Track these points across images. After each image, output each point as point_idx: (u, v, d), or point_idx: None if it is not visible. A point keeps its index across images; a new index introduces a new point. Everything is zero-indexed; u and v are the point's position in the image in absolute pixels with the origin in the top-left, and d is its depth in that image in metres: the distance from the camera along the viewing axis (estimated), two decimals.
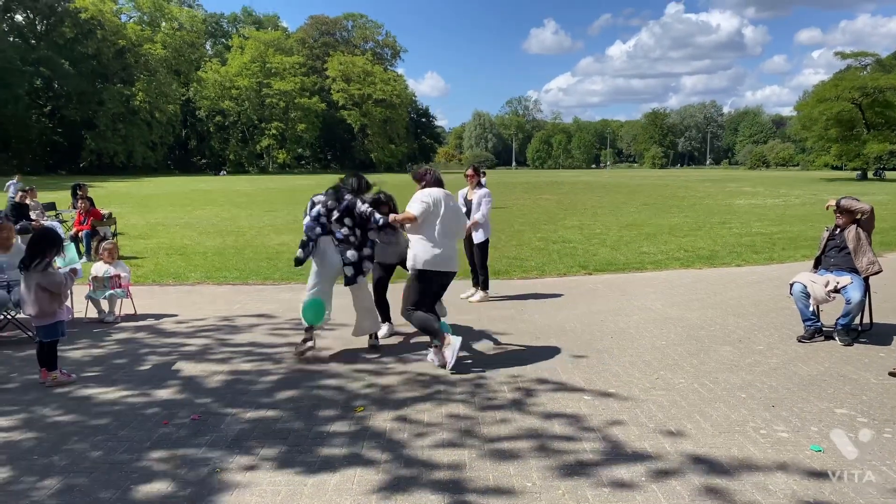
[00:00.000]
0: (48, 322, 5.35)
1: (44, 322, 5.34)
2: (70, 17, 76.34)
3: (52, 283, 5.30)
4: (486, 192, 8.54)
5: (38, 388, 5.28)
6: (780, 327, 6.97)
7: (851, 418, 4.49)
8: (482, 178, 9.15)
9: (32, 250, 5.35)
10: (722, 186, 41.99)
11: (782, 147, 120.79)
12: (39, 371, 5.39)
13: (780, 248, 13.16)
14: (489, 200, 8.47)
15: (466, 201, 8.52)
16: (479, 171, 8.74)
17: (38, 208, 15.71)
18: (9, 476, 3.75)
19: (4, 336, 6.85)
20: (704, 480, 3.64)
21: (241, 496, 3.52)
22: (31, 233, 8.39)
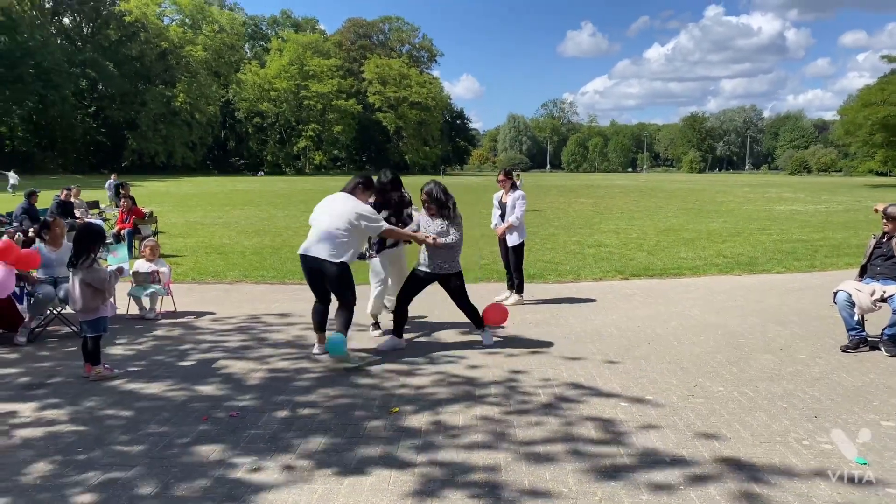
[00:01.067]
0: (92, 317, 5.47)
1: (88, 317, 5.47)
2: (115, 19, 78.23)
3: (96, 280, 5.42)
4: (521, 194, 8.52)
5: (82, 381, 5.41)
6: (822, 336, 6.81)
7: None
8: (518, 181, 9.17)
9: (77, 247, 5.49)
10: (762, 192, 41.24)
11: (824, 152, 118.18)
12: (84, 365, 5.52)
13: (823, 256, 12.86)
14: (524, 203, 8.45)
15: (501, 204, 8.52)
16: (510, 174, 8.72)
17: (81, 206, 16.13)
18: (53, 468, 3.85)
19: (50, 331, 7.03)
20: (743, 488, 3.57)
21: (278, 494, 3.56)
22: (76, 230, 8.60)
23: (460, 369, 5.75)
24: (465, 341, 6.65)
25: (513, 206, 8.37)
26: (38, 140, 73.99)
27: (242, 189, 41.97)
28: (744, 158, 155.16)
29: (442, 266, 6.24)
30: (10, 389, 5.22)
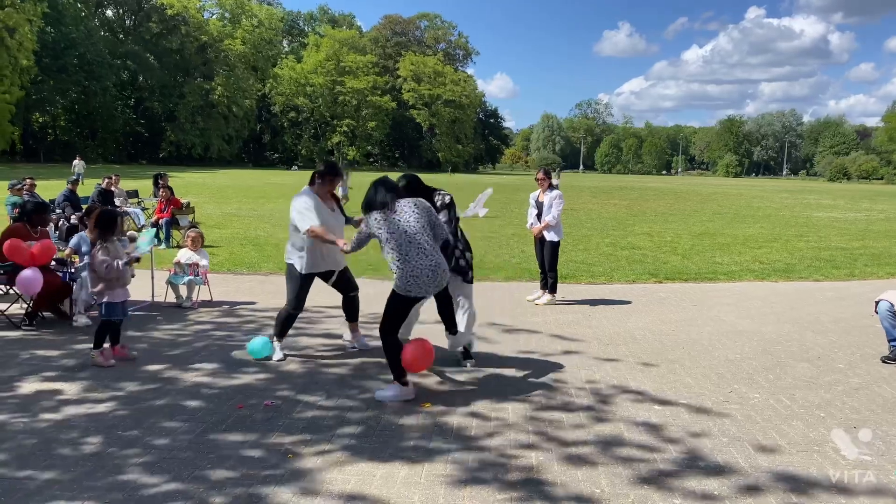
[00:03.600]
0: (100, 301, 5.64)
1: (99, 300, 5.66)
2: (157, 12, 79.60)
3: (95, 264, 5.57)
4: (558, 193, 8.53)
5: (121, 365, 5.54)
6: (861, 346, 6.68)
7: None
8: (557, 180, 9.14)
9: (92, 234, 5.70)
10: (800, 198, 40.48)
11: (866, 159, 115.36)
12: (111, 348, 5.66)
13: (862, 265, 12.59)
14: (560, 202, 8.44)
15: (538, 203, 8.51)
16: (549, 173, 8.72)
17: (121, 195, 16.45)
18: (93, 450, 3.95)
19: (94, 315, 7.20)
20: (781, 497, 3.53)
21: (312, 483, 3.60)
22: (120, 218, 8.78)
23: (492, 367, 5.75)
24: (498, 340, 6.65)
25: (549, 205, 8.37)
26: (80, 130, 75.62)
27: (277, 182, 42.41)
28: (781, 164, 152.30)
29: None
30: (54, 370, 5.37)
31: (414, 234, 4.80)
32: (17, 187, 13.24)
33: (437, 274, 4.81)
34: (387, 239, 4.80)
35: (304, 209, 5.44)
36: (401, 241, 4.77)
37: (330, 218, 5.60)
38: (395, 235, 4.78)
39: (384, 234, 4.81)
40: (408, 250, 4.76)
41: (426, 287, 4.81)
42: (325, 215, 5.54)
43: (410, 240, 4.78)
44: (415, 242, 4.78)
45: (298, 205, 5.47)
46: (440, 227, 5.05)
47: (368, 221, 4.92)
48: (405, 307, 4.96)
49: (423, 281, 4.77)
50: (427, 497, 3.48)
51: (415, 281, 4.76)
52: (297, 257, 5.63)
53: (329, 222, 5.53)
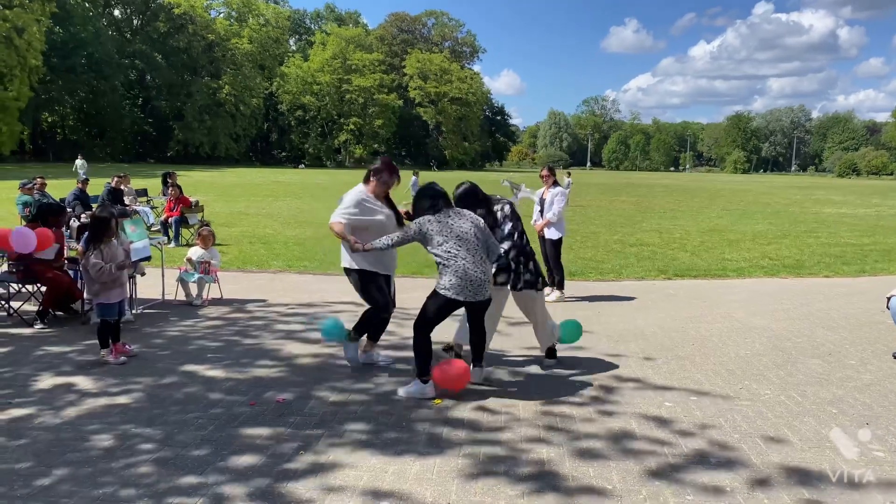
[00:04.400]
0: (96, 301, 5.69)
1: (95, 301, 5.72)
2: (164, 11, 79.76)
3: (87, 267, 5.60)
4: (561, 190, 8.55)
5: (133, 363, 5.57)
6: (873, 342, 6.65)
7: None
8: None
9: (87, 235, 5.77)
10: (808, 194, 40.29)
11: (875, 154, 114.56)
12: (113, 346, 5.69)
13: (873, 261, 12.53)
14: (562, 198, 8.44)
15: (541, 200, 8.53)
16: (553, 170, 8.72)
17: (131, 194, 16.55)
18: (108, 445, 3.98)
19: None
20: (792, 493, 3.53)
21: (324, 479, 3.62)
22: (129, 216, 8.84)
23: (501, 364, 5.76)
24: (507, 335, 6.66)
25: (551, 202, 8.39)
26: (88, 129, 75.92)
27: (284, 181, 42.51)
28: (790, 159, 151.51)
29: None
30: (67, 367, 5.41)
31: (467, 240, 4.82)
32: (28, 186, 13.34)
33: (482, 284, 4.82)
34: (439, 242, 4.79)
35: (345, 205, 5.25)
36: (452, 243, 4.78)
37: (381, 218, 5.31)
38: (448, 238, 4.80)
39: (436, 235, 4.81)
40: (457, 253, 4.76)
41: (469, 293, 4.77)
42: (375, 215, 5.27)
43: (461, 244, 4.79)
44: (466, 248, 4.79)
45: (346, 198, 5.32)
46: (494, 247, 5.09)
47: (420, 222, 4.88)
48: (445, 309, 4.89)
49: (467, 285, 4.75)
50: (439, 492, 3.50)
51: (460, 284, 4.74)
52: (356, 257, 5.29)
53: (379, 223, 5.26)
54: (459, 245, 4.79)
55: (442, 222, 4.85)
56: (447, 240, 4.80)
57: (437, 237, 4.82)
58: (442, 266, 4.80)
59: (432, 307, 4.89)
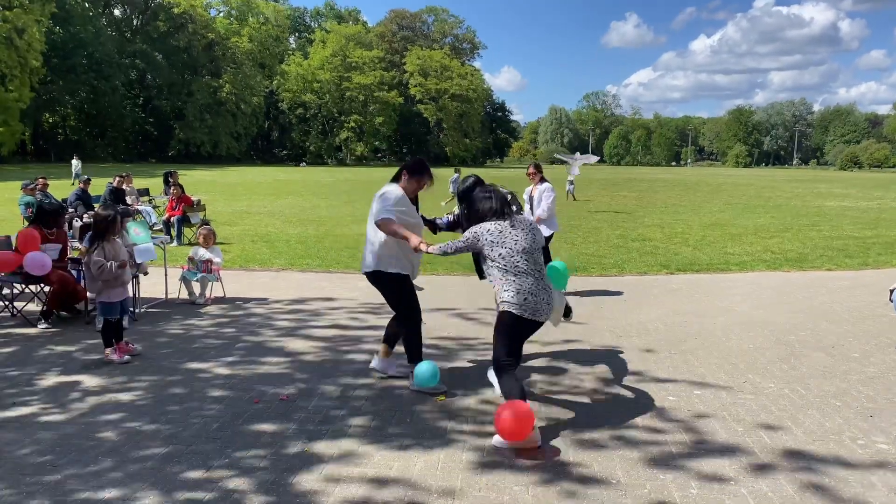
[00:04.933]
0: (98, 300, 5.72)
1: (97, 300, 5.75)
2: (164, 11, 79.78)
3: (89, 264, 5.62)
4: (549, 186, 8.36)
5: (138, 362, 5.59)
6: (877, 335, 6.65)
7: None
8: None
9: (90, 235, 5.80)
10: (811, 187, 40.22)
11: (877, 147, 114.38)
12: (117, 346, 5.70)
13: (876, 253, 12.52)
14: (551, 195, 8.27)
15: (530, 198, 8.41)
16: (540, 167, 8.56)
17: (133, 194, 16.56)
18: (114, 444, 4.00)
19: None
20: (796, 483, 3.53)
21: (330, 473, 3.64)
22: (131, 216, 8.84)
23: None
24: None
25: (539, 198, 8.25)
26: (89, 129, 76.01)
27: (286, 179, 42.54)
28: (792, 153, 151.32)
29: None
30: (72, 367, 5.43)
31: (531, 251, 4.31)
32: (31, 187, 13.36)
33: (551, 298, 4.36)
34: (501, 254, 4.23)
35: (390, 202, 4.79)
36: (519, 257, 4.23)
37: (418, 220, 5.03)
38: (513, 250, 4.24)
39: (498, 246, 4.25)
40: (526, 268, 4.23)
41: (545, 310, 4.27)
42: (413, 216, 4.95)
43: (528, 258, 4.27)
44: (531, 260, 4.29)
45: (383, 196, 4.86)
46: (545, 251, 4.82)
47: (479, 231, 4.31)
48: (524, 332, 4.31)
49: (541, 301, 4.24)
50: (445, 486, 3.51)
51: (534, 301, 4.19)
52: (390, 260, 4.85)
53: (416, 225, 4.96)
54: (527, 260, 4.25)
55: (504, 231, 4.29)
56: (511, 253, 4.24)
57: (499, 248, 4.25)
58: (511, 284, 4.20)
59: (507, 334, 4.27)
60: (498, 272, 4.26)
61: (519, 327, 4.26)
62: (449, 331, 6.69)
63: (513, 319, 4.21)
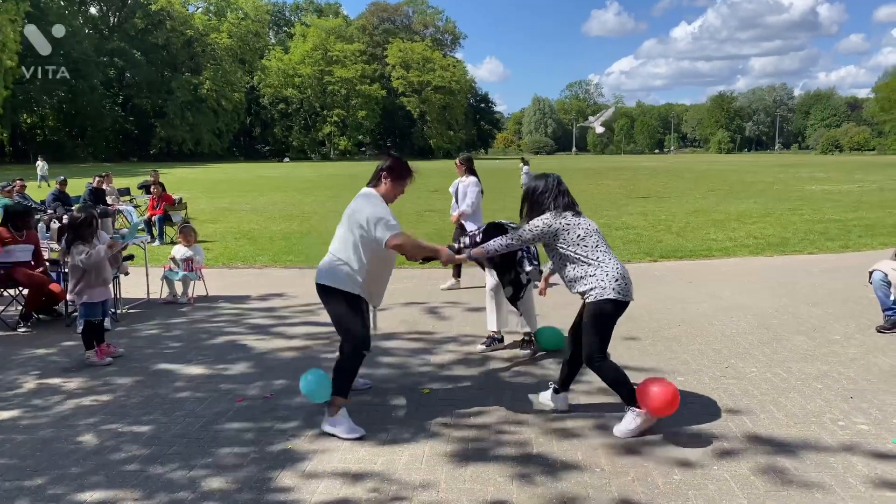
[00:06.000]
0: (79, 302, 5.62)
1: (78, 301, 5.64)
2: (141, 8, 78.98)
3: (74, 258, 5.55)
4: (473, 180, 8.09)
5: (119, 363, 5.54)
6: (857, 317, 6.71)
7: None
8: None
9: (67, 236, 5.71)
10: (792, 172, 40.53)
11: (857, 131, 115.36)
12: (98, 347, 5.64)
13: (856, 236, 12.63)
14: (475, 189, 8.02)
15: (455, 191, 8.23)
16: (469, 161, 8.26)
17: (113, 193, 16.38)
18: (95, 446, 3.96)
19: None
20: (778, 468, 3.56)
21: (314, 471, 3.62)
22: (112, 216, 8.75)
23: (482, 348, 5.77)
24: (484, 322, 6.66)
25: (464, 193, 8.00)
26: (69, 129, 75.21)
27: (269, 175, 42.30)
28: (773, 138, 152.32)
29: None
30: (52, 370, 5.36)
31: (602, 235, 4.16)
32: (7, 189, 13.17)
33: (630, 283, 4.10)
34: (580, 235, 4.04)
35: (385, 214, 4.11)
36: (598, 237, 4.08)
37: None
38: (590, 231, 4.08)
39: (575, 228, 4.05)
40: (606, 249, 4.07)
41: (625, 292, 4.01)
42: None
43: (602, 239, 4.11)
44: (606, 242, 4.14)
45: (373, 209, 4.12)
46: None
47: (549, 218, 4.09)
48: (616, 316, 4.05)
49: (629, 279, 4.06)
50: (429, 480, 3.50)
51: (625, 281, 3.99)
52: (349, 280, 4.19)
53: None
54: (603, 240, 4.10)
55: (580, 220, 4.11)
56: (590, 233, 4.06)
57: (577, 230, 4.04)
58: (597, 270, 3.99)
59: (603, 324, 4.04)
60: (577, 261, 4.04)
61: (618, 314, 4.04)
62: (427, 325, 6.68)
63: (614, 307, 3.98)
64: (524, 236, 4.18)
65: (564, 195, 4.21)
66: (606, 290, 3.94)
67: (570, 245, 4.05)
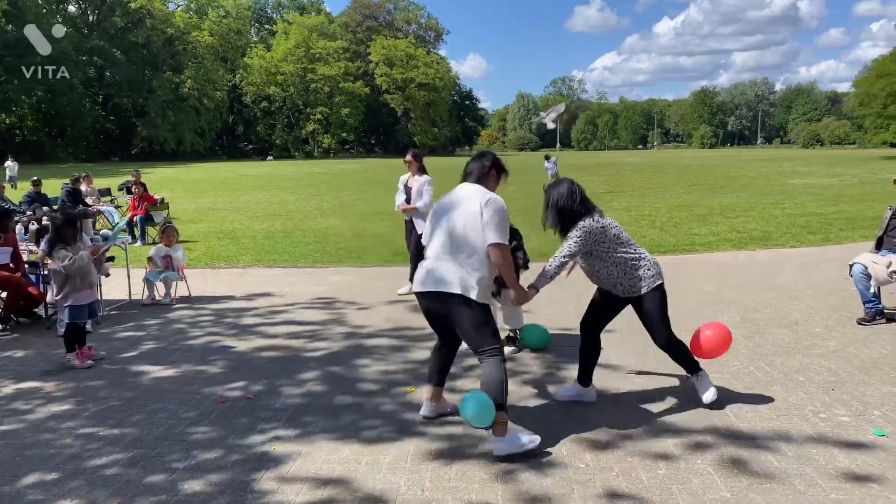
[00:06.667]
0: (64, 304, 5.54)
1: (63, 304, 5.56)
2: (120, 6, 78.02)
3: (57, 263, 5.48)
4: (429, 179, 7.86)
5: (100, 366, 5.47)
6: (838, 309, 6.77)
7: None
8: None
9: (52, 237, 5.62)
10: (775, 166, 40.86)
11: (838, 125, 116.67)
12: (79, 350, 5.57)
13: (837, 229, 12.76)
14: (430, 189, 7.77)
15: (406, 188, 7.91)
16: (420, 157, 7.95)
17: (94, 194, 16.18)
18: (77, 449, 3.90)
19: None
20: (762, 461, 3.58)
21: (298, 472, 3.59)
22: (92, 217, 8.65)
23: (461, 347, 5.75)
24: None
25: (419, 191, 7.72)
26: (48, 129, 74.20)
27: (252, 174, 42.02)
28: (756, 133, 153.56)
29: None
30: (31, 373, 5.29)
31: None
32: None
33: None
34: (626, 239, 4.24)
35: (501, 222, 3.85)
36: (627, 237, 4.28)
37: None
38: (621, 230, 4.28)
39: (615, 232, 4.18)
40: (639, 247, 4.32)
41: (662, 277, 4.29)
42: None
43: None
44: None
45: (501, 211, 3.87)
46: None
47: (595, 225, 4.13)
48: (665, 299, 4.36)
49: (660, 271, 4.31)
50: (413, 480, 3.48)
51: (658, 271, 4.28)
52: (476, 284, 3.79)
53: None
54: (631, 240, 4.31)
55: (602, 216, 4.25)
56: (619, 229, 4.25)
57: (612, 229, 4.19)
58: (638, 262, 4.20)
59: (663, 309, 4.32)
60: (624, 258, 4.15)
61: (665, 298, 4.34)
62: (411, 322, 6.66)
63: (664, 291, 4.29)
64: (572, 249, 4.15)
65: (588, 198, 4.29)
66: (656, 276, 4.22)
67: (612, 244, 4.14)
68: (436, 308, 3.90)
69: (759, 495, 3.26)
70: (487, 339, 3.83)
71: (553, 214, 4.27)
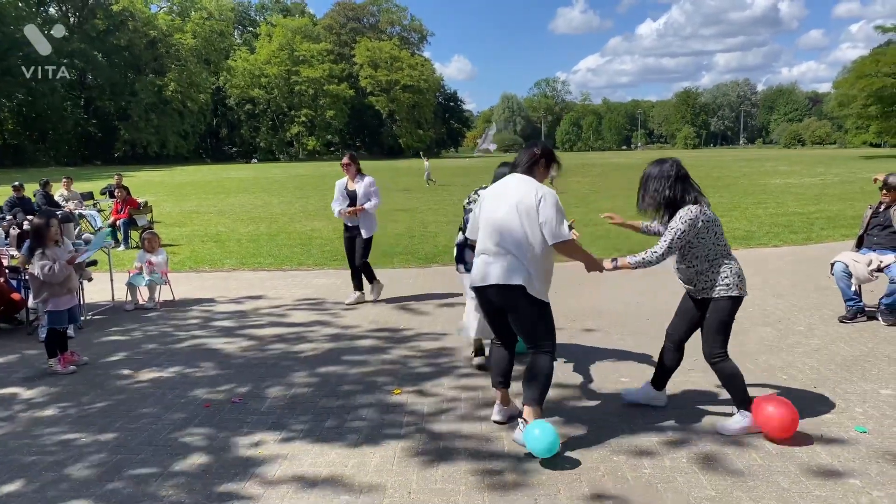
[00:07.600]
0: (44, 310, 5.48)
1: (43, 309, 5.51)
2: (102, 8, 77.37)
3: (35, 270, 5.41)
4: (371, 180, 7.55)
5: (83, 371, 5.42)
6: (820, 308, 6.84)
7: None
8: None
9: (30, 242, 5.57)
10: (757, 166, 41.21)
11: (819, 125, 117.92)
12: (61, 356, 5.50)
13: (819, 228, 12.89)
14: (377, 189, 7.59)
15: (348, 193, 7.53)
16: (356, 158, 7.65)
17: (76, 198, 16.02)
18: (59, 456, 3.86)
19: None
20: (744, 460, 3.60)
21: (284, 475, 3.58)
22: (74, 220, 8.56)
23: (450, 346, 5.76)
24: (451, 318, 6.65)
25: (367, 194, 7.44)
26: (29, 133, 73.42)
27: (236, 177, 41.80)
28: (738, 133, 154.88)
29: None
30: (12, 379, 5.23)
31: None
32: None
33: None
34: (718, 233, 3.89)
35: (558, 212, 3.88)
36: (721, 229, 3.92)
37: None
38: (719, 226, 3.92)
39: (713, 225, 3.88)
40: (727, 244, 3.95)
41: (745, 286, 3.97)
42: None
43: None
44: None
45: (556, 206, 3.90)
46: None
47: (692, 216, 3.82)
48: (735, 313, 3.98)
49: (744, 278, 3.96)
50: (400, 482, 3.48)
51: (742, 279, 3.92)
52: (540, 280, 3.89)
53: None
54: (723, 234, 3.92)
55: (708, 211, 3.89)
56: (721, 229, 3.91)
57: (716, 228, 3.86)
58: (722, 266, 3.89)
59: (728, 322, 3.98)
60: (717, 256, 3.88)
61: (735, 312, 3.96)
62: (397, 323, 6.66)
63: (737, 304, 3.91)
64: (672, 243, 3.85)
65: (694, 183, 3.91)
66: (733, 287, 3.85)
67: (713, 238, 3.85)
68: (499, 301, 3.90)
69: (744, 492, 3.29)
70: (542, 334, 3.91)
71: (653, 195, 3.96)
